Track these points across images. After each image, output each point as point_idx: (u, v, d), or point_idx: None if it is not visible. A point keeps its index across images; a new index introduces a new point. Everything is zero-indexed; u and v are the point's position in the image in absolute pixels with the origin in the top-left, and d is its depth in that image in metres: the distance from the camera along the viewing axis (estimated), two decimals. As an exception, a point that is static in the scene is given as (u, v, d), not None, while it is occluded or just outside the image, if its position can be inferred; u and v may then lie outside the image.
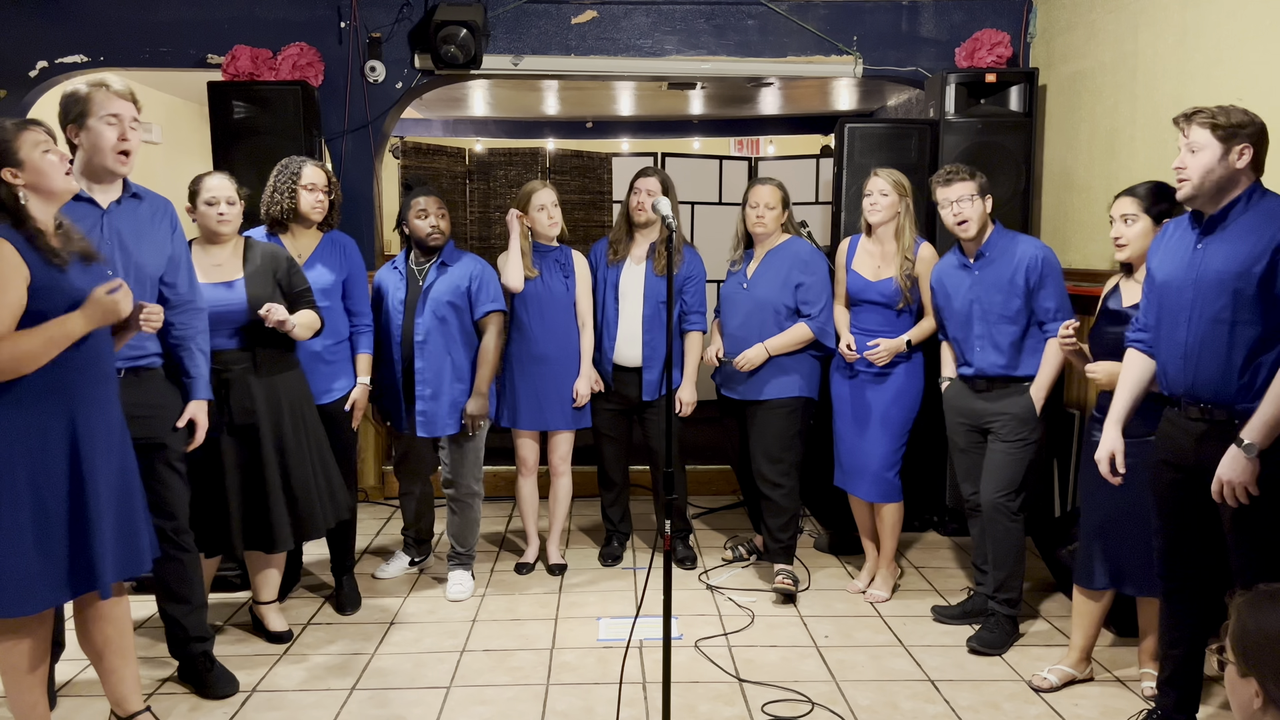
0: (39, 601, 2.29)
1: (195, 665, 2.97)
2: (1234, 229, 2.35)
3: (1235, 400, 2.33)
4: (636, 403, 3.95)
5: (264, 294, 3.08)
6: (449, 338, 3.63)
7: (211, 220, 3.08)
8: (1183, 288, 2.42)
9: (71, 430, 2.30)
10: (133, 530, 2.47)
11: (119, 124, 2.61)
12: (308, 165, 3.43)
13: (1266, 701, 1.55)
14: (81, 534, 2.32)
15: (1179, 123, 2.40)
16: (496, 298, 3.70)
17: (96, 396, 2.37)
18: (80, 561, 2.33)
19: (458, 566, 3.85)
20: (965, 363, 3.36)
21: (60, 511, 2.29)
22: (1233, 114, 2.33)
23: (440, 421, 3.65)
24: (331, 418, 3.44)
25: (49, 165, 2.29)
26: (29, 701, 2.42)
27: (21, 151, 2.26)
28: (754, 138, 8.94)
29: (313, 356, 3.40)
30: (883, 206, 3.56)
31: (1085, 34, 4.19)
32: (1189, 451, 2.43)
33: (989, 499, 3.28)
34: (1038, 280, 3.18)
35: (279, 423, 3.12)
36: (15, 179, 2.25)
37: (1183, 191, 2.40)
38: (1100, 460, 2.67)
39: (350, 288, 3.52)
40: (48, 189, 2.30)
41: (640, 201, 3.86)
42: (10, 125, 2.28)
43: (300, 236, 3.47)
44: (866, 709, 2.91)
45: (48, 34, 4.64)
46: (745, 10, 4.78)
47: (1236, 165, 2.32)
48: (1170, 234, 2.55)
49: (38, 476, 2.26)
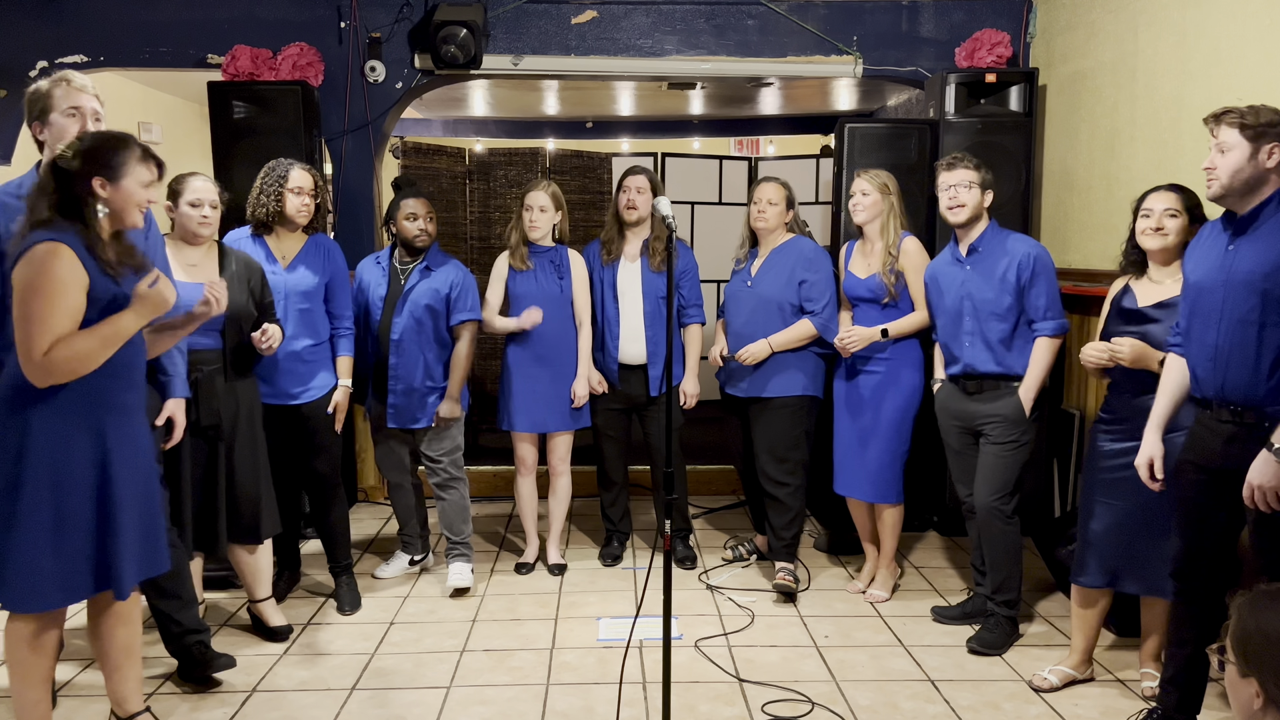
0: (49, 600, 2.33)
1: (192, 654, 2.99)
2: (1264, 229, 2.33)
3: (1265, 403, 2.31)
4: (641, 400, 3.95)
5: (240, 300, 3.12)
6: (424, 339, 3.68)
7: (193, 222, 3.09)
8: (1214, 289, 2.41)
9: (101, 436, 2.34)
10: (155, 531, 2.51)
11: (80, 117, 2.63)
12: (295, 168, 3.44)
13: (1267, 702, 1.55)
14: (105, 536, 2.36)
15: (1208, 123, 2.40)
16: (474, 308, 3.74)
17: (127, 403, 2.41)
18: (102, 562, 2.37)
19: (456, 558, 3.86)
20: (953, 360, 3.36)
21: (82, 515, 2.33)
22: (1262, 113, 2.32)
23: (410, 414, 3.70)
24: (308, 417, 3.47)
25: (138, 197, 2.36)
26: (32, 699, 2.42)
27: (127, 176, 2.32)
28: (754, 138, 8.94)
29: (292, 356, 3.42)
30: (865, 206, 3.58)
31: (1085, 34, 4.19)
32: (1216, 453, 2.41)
33: (983, 503, 3.28)
34: (1030, 277, 3.18)
35: (235, 426, 3.15)
36: (103, 190, 2.30)
37: (1212, 191, 2.39)
38: (1140, 466, 2.66)
39: (333, 291, 3.54)
40: (122, 216, 2.36)
41: (630, 199, 3.86)
42: (137, 148, 2.35)
43: (284, 239, 3.49)
44: (866, 709, 2.91)
45: (48, 34, 4.64)
46: (745, 10, 4.78)
47: (1266, 165, 2.31)
48: (1205, 237, 2.54)
49: (62, 481, 2.29)
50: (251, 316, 3.17)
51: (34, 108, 2.63)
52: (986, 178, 3.27)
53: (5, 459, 2.27)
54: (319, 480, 3.57)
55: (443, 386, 3.73)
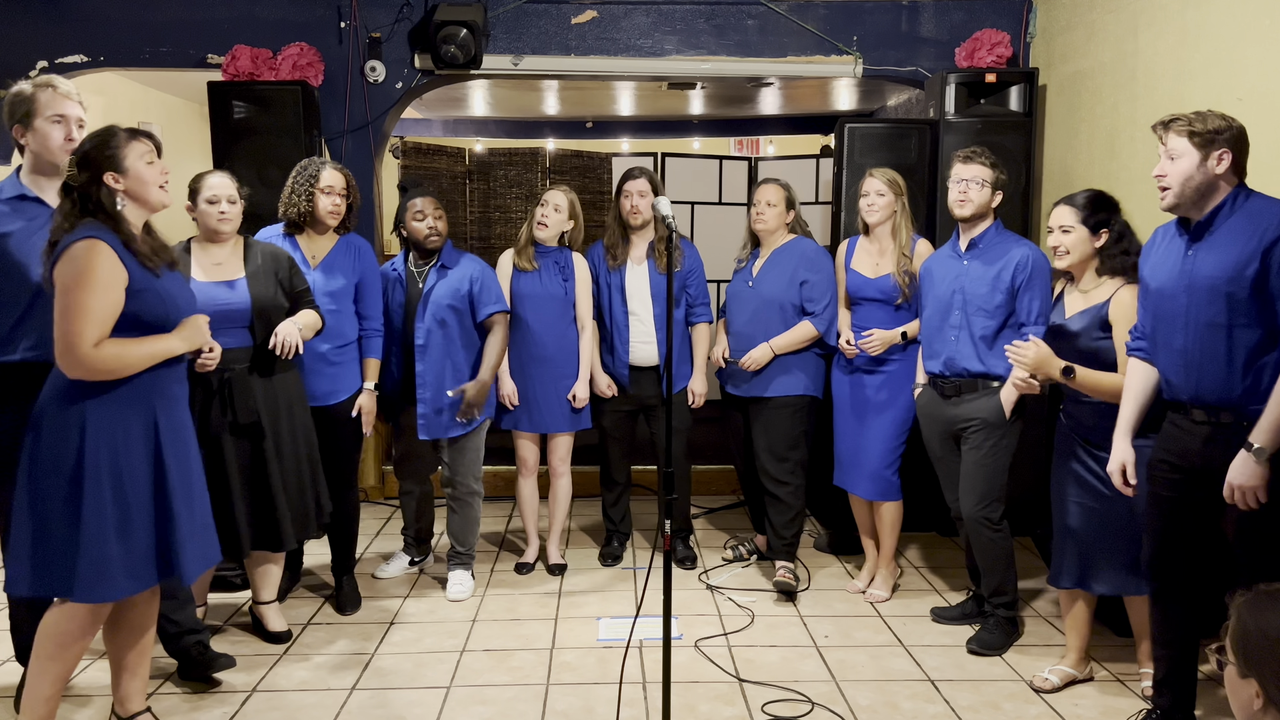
0: (119, 589, 2.36)
1: (191, 655, 2.99)
2: (1222, 233, 2.35)
3: (1242, 403, 2.32)
4: (653, 401, 3.95)
5: (267, 293, 3.09)
6: (449, 341, 3.63)
7: (212, 219, 3.08)
8: (1175, 295, 2.42)
9: (154, 426, 2.40)
10: (207, 520, 2.57)
11: (65, 124, 2.64)
12: (327, 168, 3.42)
13: (1267, 702, 1.55)
14: (165, 523, 2.40)
15: (1157, 130, 2.41)
16: (499, 299, 3.70)
17: (176, 394, 2.50)
18: (164, 550, 2.41)
19: (458, 566, 3.85)
20: (934, 355, 3.35)
21: (143, 502, 2.38)
22: (1209, 120, 2.33)
23: (441, 424, 3.65)
24: (335, 419, 3.45)
25: (150, 176, 2.41)
26: (44, 695, 2.42)
27: (128, 159, 2.36)
28: (754, 138, 8.94)
29: (318, 358, 3.40)
30: (880, 206, 3.58)
31: (1085, 34, 4.19)
32: (1195, 453, 2.42)
33: (969, 513, 3.28)
34: (1025, 279, 3.18)
35: (277, 422, 3.13)
36: (117, 184, 2.35)
37: (1165, 201, 2.41)
38: (1112, 472, 2.67)
39: (362, 291, 3.52)
40: (145, 198, 2.41)
41: (635, 204, 3.86)
42: (122, 133, 2.38)
43: (315, 239, 3.47)
44: (866, 709, 2.91)
45: (48, 34, 4.64)
46: (745, 10, 4.78)
47: (1216, 171, 2.32)
48: (1159, 242, 2.55)
49: (122, 469, 2.34)
50: (282, 309, 3.13)
51: (17, 111, 2.63)
52: (1000, 178, 3.28)
53: (66, 453, 2.31)
54: (334, 481, 3.52)
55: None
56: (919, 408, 3.48)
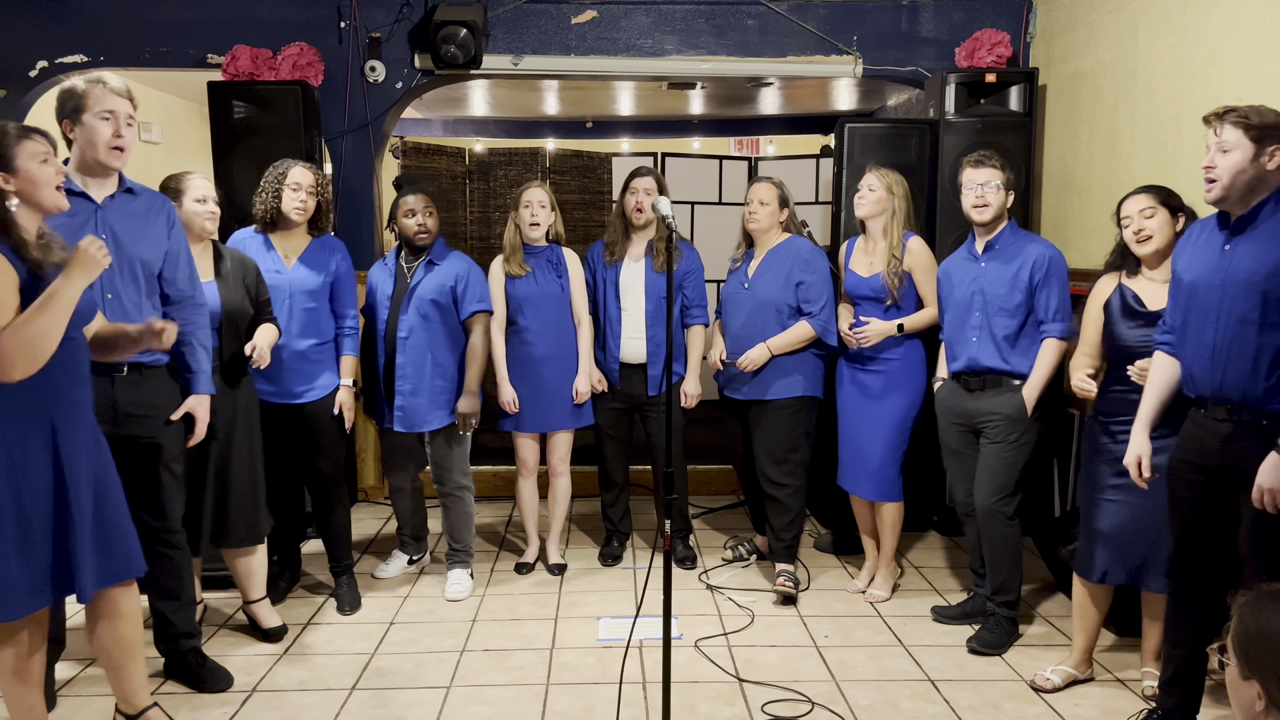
0: (20, 607, 2.27)
1: (186, 661, 2.99)
2: (1263, 229, 2.32)
3: (1263, 401, 2.31)
4: (642, 399, 3.95)
5: (236, 299, 3.12)
6: (432, 335, 3.64)
7: (202, 218, 3.09)
8: (1211, 289, 2.40)
9: (52, 435, 2.28)
10: (114, 532, 2.43)
11: (114, 120, 2.62)
12: (296, 166, 3.44)
13: (1269, 704, 1.55)
14: (63, 538, 2.30)
15: (1210, 121, 2.37)
16: (483, 299, 3.71)
17: (75, 399, 2.34)
18: (62, 565, 2.31)
19: (456, 565, 3.86)
20: (956, 356, 3.35)
21: (43, 517, 2.27)
22: (1265, 114, 2.30)
23: (419, 417, 3.66)
24: (313, 416, 3.47)
25: (43, 177, 2.26)
26: (26, 703, 2.41)
27: (18, 159, 2.23)
28: (754, 138, 8.94)
29: (296, 355, 3.43)
30: (869, 201, 3.59)
31: (1085, 34, 4.19)
32: (1214, 452, 2.41)
33: (983, 504, 3.27)
34: (1043, 277, 3.18)
35: (232, 428, 3.14)
36: (6, 184, 2.23)
37: (1211, 193, 2.37)
38: (1129, 465, 2.65)
39: (337, 290, 3.54)
40: (37, 201, 2.27)
41: (639, 202, 3.86)
42: (12, 131, 2.26)
43: (289, 237, 3.49)
44: (866, 709, 2.91)
45: (48, 34, 4.64)
46: (745, 10, 4.78)
47: (1268, 167, 2.30)
48: (1197, 235, 2.52)
49: (20, 483, 2.23)
50: (248, 315, 3.17)
51: (66, 105, 2.61)
52: (1010, 177, 3.28)
53: None
54: (322, 480, 3.57)
55: (453, 387, 3.69)
56: (938, 401, 3.46)
